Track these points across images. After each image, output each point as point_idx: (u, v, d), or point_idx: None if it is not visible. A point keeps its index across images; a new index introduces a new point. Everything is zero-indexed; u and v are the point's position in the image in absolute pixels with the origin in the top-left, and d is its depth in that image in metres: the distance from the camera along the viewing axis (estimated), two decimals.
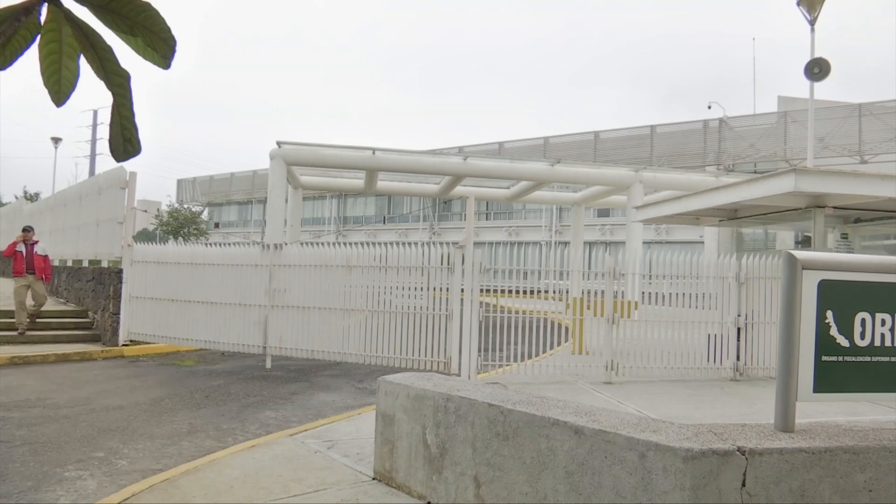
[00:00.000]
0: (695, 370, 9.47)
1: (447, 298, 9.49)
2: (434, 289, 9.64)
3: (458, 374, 9.04)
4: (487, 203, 43.27)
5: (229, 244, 12.01)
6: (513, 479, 3.64)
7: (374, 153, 20.49)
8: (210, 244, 17.91)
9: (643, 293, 9.79)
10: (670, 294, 9.73)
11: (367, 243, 10.58)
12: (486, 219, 45.54)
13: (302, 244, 11.33)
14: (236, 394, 8.45)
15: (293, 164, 20.82)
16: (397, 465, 4.62)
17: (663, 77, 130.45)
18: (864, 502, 2.94)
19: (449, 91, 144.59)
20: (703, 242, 30.07)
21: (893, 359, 3.21)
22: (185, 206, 53.65)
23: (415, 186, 27.02)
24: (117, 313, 12.14)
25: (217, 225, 57.15)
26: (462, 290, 9.31)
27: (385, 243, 10.23)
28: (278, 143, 19.88)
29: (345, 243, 10.94)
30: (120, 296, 12.16)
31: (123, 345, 12.00)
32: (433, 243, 9.99)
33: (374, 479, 4.80)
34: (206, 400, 8.04)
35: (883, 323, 3.18)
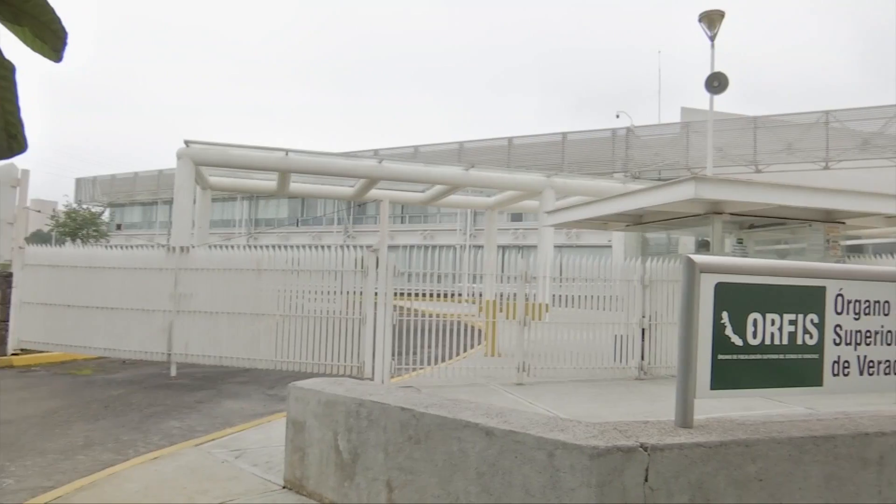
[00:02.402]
0: (602, 370, 9.77)
1: (361, 302, 9.40)
2: (348, 293, 9.54)
3: (372, 379, 8.97)
4: (402, 206, 43.32)
5: (132, 247, 11.47)
6: (425, 482, 3.64)
7: (286, 154, 20.11)
8: (111, 246, 17.04)
9: (554, 296, 10.03)
10: (580, 296, 10.01)
11: (280, 246, 10.37)
12: (401, 222, 45.53)
13: (210, 247, 10.98)
14: (138, 403, 8.07)
15: (201, 165, 20.14)
16: (308, 472, 4.53)
17: (575, 86, 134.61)
18: (756, 491, 3.11)
19: (365, 93, 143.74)
20: (611, 246, 31.09)
21: (782, 356, 3.41)
22: (85, 206, 50.85)
23: (329, 189, 26.69)
24: (6, 320, 11.36)
25: (119, 226, 54.44)
26: (376, 294, 9.25)
27: (298, 246, 10.04)
28: (186, 143, 19.18)
29: (256, 246, 10.66)
30: (10, 301, 11.39)
31: (13, 354, 11.23)
32: (347, 246, 9.89)
33: (284, 487, 4.69)
34: (104, 411, 7.63)
35: (772, 323, 3.37)
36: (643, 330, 9.93)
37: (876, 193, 10.96)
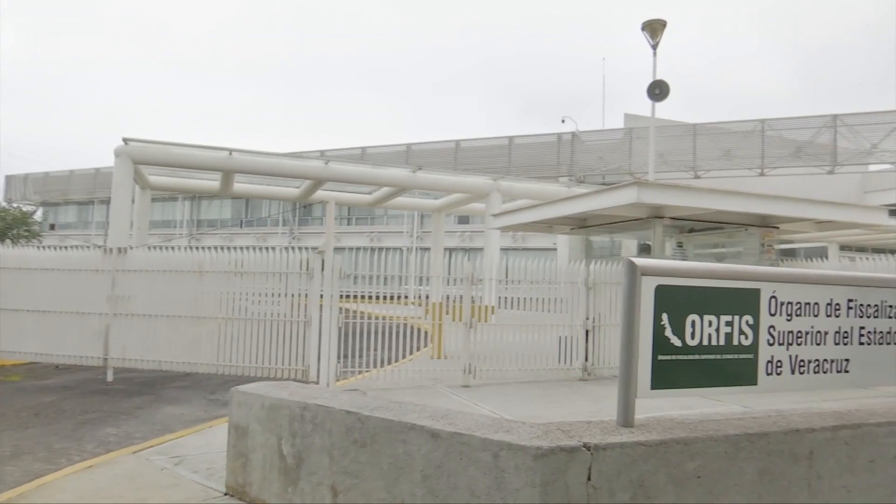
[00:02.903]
0: (547, 371, 9.90)
1: (306, 305, 9.30)
2: (293, 295, 9.42)
3: (317, 382, 8.88)
4: (349, 208, 43.03)
5: (67, 247, 11.04)
6: (370, 485, 3.62)
7: (230, 154, 19.73)
8: (44, 247, 16.38)
9: (500, 298, 10.11)
10: (525, 299, 10.12)
11: (223, 248, 10.16)
12: (348, 224, 45.20)
13: (150, 248, 10.66)
14: (71, 410, 7.78)
15: (141, 163, 19.58)
16: (251, 478, 4.44)
17: (522, 91, 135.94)
18: (694, 488, 3.19)
19: (311, 93, 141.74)
20: (556, 249, 31.55)
21: (719, 356, 3.51)
22: (15, 204, 48.77)
23: (274, 189, 26.30)
24: None
25: (53, 226, 52.39)
26: (321, 296, 9.16)
27: (241, 248, 9.86)
28: (124, 140, 18.62)
29: (198, 247, 10.43)
30: None
31: None
32: (292, 248, 9.76)
33: (226, 494, 4.59)
34: (35, 419, 7.33)
35: (710, 324, 3.47)
36: (587, 331, 10.10)
37: (808, 200, 11.43)
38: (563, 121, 38.65)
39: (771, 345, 3.66)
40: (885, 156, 28.16)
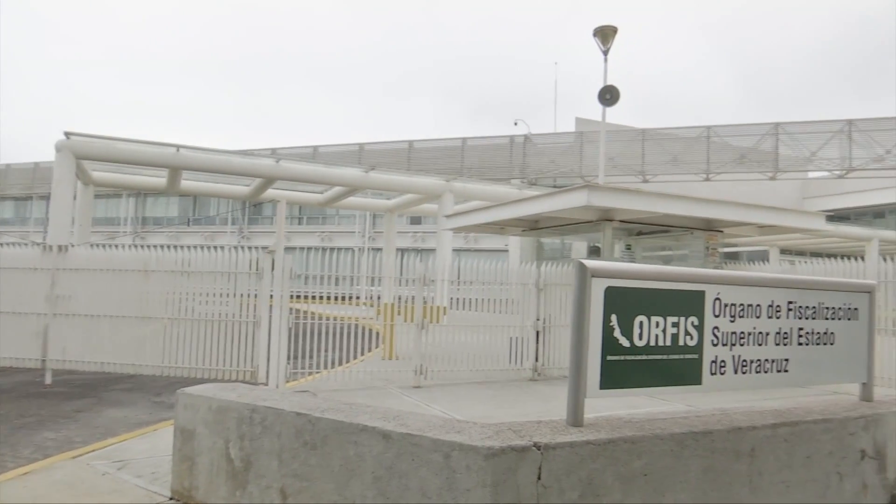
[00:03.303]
0: (498, 372, 9.96)
1: (255, 305, 9.15)
2: (242, 295, 9.26)
3: (266, 384, 8.74)
4: (300, 207, 42.54)
5: (2, 244, 10.62)
6: (320, 488, 3.58)
7: (178, 150, 19.28)
8: None
9: (452, 299, 10.13)
10: (477, 300, 10.16)
11: (169, 246, 9.93)
12: (299, 223, 44.68)
13: (92, 246, 10.34)
14: (6, 414, 7.48)
15: (84, 158, 18.96)
16: (197, 482, 4.35)
17: (475, 93, 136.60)
18: (641, 485, 3.26)
19: (262, 91, 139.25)
20: (508, 251, 31.80)
21: (665, 357, 3.59)
22: None
23: (223, 187, 25.80)
24: None
25: None
26: (272, 297, 9.03)
27: (189, 247, 9.66)
28: (66, 134, 18.01)
29: (143, 246, 10.17)
30: None
31: None
32: (242, 247, 9.60)
33: (171, 499, 4.48)
34: None
35: (657, 325, 3.54)
36: (537, 332, 10.21)
37: (751, 204, 11.78)
38: (515, 123, 39.04)
39: (715, 345, 3.76)
40: (823, 163, 29.29)
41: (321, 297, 9.47)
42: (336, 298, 9.50)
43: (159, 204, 47.46)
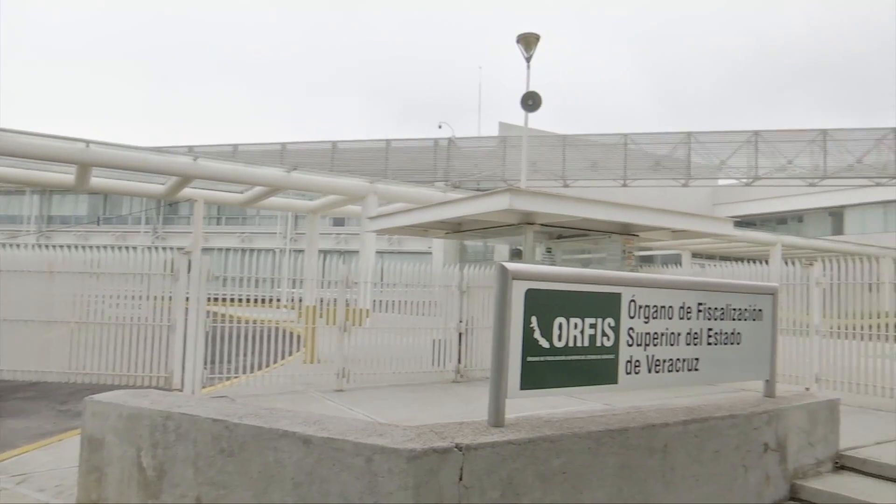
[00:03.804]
0: (421, 374, 9.97)
1: (170, 308, 8.84)
2: (155, 297, 8.92)
3: (181, 390, 8.44)
4: (219, 207, 41.37)
5: None
6: (238, 496, 3.48)
7: (87, 146, 18.41)
8: None
9: (375, 301, 10.08)
10: (400, 302, 10.14)
11: (77, 246, 9.46)
12: (217, 223, 43.44)
13: None
14: None
15: None
16: (106, 494, 4.15)
17: (400, 95, 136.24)
18: (560, 483, 3.33)
19: (175, 86, 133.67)
20: (431, 253, 31.92)
21: (583, 357, 3.69)
22: None
23: (136, 186, 24.78)
24: None
25: None
26: (187, 299, 8.73)
27: (98, 247, 9.23)
28: None
29: (48, 246, 9.66)
30: None
31: None
32: (156, 248, 9.25)
33: None
34: None
35: (575, 326, 3.64)
36: (460, 334, 10.28)
37: (665, 210, 12.25)
38: (440, 126, 39.18)
39: (630, 346, 3.89)
40: (732, 171, 30.82)
41: (240, 300, 9.23)
42: (256, 301, 9.29)
43: (67, 202, 45.17)
